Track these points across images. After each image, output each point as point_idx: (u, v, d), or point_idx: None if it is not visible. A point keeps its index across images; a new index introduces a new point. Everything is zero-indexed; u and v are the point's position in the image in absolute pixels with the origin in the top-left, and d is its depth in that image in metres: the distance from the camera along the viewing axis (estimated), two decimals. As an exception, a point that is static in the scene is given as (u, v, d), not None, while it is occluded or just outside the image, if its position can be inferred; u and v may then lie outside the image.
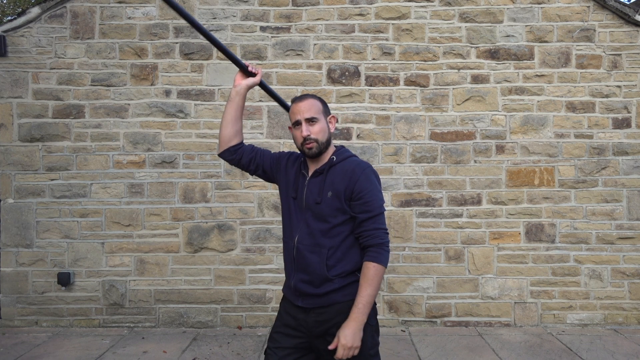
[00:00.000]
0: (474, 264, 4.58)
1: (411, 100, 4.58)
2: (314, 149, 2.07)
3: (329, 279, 2.03)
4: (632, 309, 4.58)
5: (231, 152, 2.27)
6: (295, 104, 2.12)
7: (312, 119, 2.07)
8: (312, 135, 2.06)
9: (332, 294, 2.05)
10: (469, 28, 4.56)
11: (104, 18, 4.52)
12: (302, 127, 2.06)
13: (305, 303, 2.08)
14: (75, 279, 4.54)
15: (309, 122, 2.07)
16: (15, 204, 4.51)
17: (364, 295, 1.96)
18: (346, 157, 2.12)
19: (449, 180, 4.58)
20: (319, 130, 2.07)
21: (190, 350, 4.04)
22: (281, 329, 2.15)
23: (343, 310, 2.03)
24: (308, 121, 2.07)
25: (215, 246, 4.56)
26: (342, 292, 2.05)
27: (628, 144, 4.57)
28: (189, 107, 4.55)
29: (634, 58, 4.55)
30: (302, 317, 2.09)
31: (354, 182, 2.03)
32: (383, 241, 2.02)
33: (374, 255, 1.99)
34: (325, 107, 2.16)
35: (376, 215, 2.03)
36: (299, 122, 2.08)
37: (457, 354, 3.95)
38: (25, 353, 3.94)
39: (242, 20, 4.54)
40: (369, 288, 1.97)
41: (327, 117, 2.14)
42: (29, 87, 4.51)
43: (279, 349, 2.11)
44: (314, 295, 2.06)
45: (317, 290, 2.05)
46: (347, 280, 2.05)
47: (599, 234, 4.57)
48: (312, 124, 2.07)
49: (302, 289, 2.07)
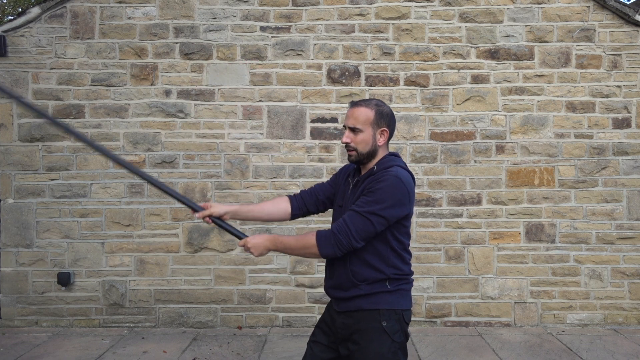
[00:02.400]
0: (474, 264, 4.58)
1: (411, 100, 4.58)
2: (353, 157, 2.09)
3: (355, 284, 2.03)
4: (632, 309, 4.58)
5: (297, 215, 2.36)
6: (350, 108, 2.11)
7: (355, 129, 2.05)
8: (352, 144, 2.07)
9: (357, 299, 2.04)
10: (469, 28, 4.56)
11: (104, 18, 4.53)
12: (345, 133, 2.09)
13: (337, 307, 2.12)
14: (75, 279, 4.54)
15: (352, 131, 2.06)
16: (15, 204, 4.51)
17: (286, 240, 2.08)
18: (388, 167, 2.04)
19: (449, 180, 4.58)
20: (361, 141, 2.05)
21: (190, 350, 4.04)
22: (321, 325, 2.23)
23: (366, 319, 2.02)
24: (351, 130, 2.06)
25: (215, 246, 4.56)
26: (368, 300, 2.03)
27: (628, 144, 4.57)
28: (189, 107, 4.55)
29: (634, 58, 4.55)
30: (335, 318, 2.15)
31: (373, 180, 2.00)
32: (339, 235, 1.95)
33: (322, 233, 2.00)
34: (380, 118, 2.08)
35: (361, 213, 1.95)
36: (345, 126, 2.11)
37: (457, 354, 3.95)
38: (25, 353, 3.94)
39: (242, 20, 4.54)
40: (293, 241, 2.06)
41: (376, 129, 2.07)
42: (29, 87, 4.51)
43: (316, 343, 2.19)
44: (342, 299, 2.08)
45: (345, 294, 2.06)
46: (374, 288, 2.03)
47: (599, 234, 4.57)
48: (356, 133, 2.05)
49: (332, 294, 2.13)
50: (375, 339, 2.00)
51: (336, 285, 2.09)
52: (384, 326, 2.00)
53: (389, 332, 2.00)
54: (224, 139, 4.56)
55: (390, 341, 2.00)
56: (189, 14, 4.54)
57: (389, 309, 2.03)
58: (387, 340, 1.99)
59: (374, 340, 2.00)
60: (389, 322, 2.01)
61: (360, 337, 2.02)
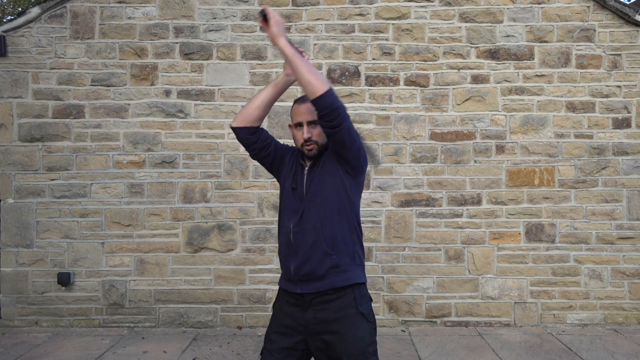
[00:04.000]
0: (474, 264, 4.58)
1: (411, 100, 4.58)
2: (314, 151, 2.10)
3: (328, 254, 2.02)
4: (632, 309, 4.58)
5: (250, 132, 2.18)
6: (298, 105, 2.13)
7: (314, 122, 2.07)
8: (313, 138, 2.09)
9: (331, 275, 2.02)
10: (469, 28, 4.56)
11: (104, 18, 4.53)
12: (304, 129, 2.09)
13: (304, 288, 2.04)
14: (75, 279, 4.54)
15: (311, 125, 2.09)
16: (15, 204, 4.51)
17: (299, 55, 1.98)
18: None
19: (449, 180, 4.58)
20: (320, 133, 2.08)
21: (190, 350, 4.04)
22: (279, 329, 2.11)
23: (342, 307, 2.01)
24: (310, 124, 2.09)
25: (215, 246, 4.56)
26: (340, 276, 2.03)
27: (628, 144, 4.57)
28: (189, 107, 4.55)
29: (634, 58, 4.55)
30: (299, 316, 2.06)
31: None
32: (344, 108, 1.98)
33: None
34: None
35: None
36: (300, 123, 2.11)
37: (457, 354, 3.95)
38: (25, 353, 3.94)
39: (242, 20, 4.54)
40: (302, 61, 1.97)
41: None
42: (29, 87, 4.51)
43: (277, 350, 2.07)
44: (313, 278, 2.03)
45: (316, 270, 2.02)
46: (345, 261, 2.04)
47: (599, 234, 4.57)
48: (314, 126, 2.09)
49: (302, 270, 2.04)
50: (353, 324, 2.01)
51: (306, 263, 2.03)
52: (361, 311, 2.03)
53: (365, 314, 2.04)
54: (224, 139, 4.56)
55: (366, 323, 2.03)
56: (189, 14, 4.54)
57: (359, 284, 2.07)
58: (363, 322, 2.02)
59: (352, 326, 2.01)
60: (363, 303, 2.05)
61: (339, 325, 2.00)
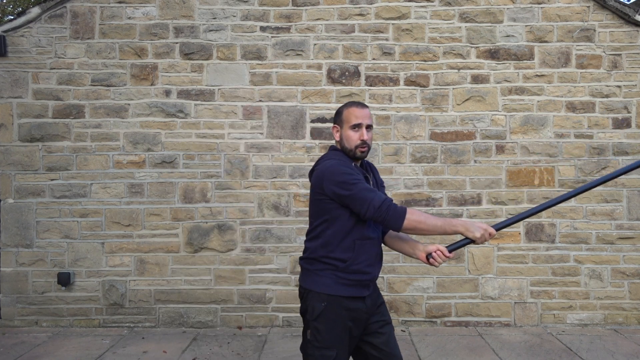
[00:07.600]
0: (474, 264, 4.58)
1: (411, 100, 4.58)
2: (365, 153, 2.29)
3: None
4: (632, 309, 4.58)
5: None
6: (358, 108, 2.28)
7: (371, 126, 2.29)
8: (368, 141, 2.27)
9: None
10: (469, 28, 4.56)
11: (104, 18, 4.53)
12: (363, 131, 2.25)
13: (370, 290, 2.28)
14: (75, 279, 4.54)
15: (368, 129, 2.27)
16: (15, 204, 4.51)
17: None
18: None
19: (449, 180, 4.58)
20: (371, 138, 2.32)
21: (190, 350, 4.04)
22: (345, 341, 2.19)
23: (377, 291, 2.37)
24: (368, 127, 2.27)
25: (215, 246, 4.56)
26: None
27: (628, 144, 4.57)
28: (189, 107, 4.55)
29: (634, 58, 4.55)
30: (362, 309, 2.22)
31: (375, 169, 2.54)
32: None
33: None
34: None
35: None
36: (360, 125, 2.25)
37: (457, 354, 3.95)
38: (25, 353, 3.94)
39: (242, 20, 4.54)
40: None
41: None
42: (29, 87, 4.51)
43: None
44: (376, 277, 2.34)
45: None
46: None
47: (599, 234, 4.57)
48: (369, 131, 2.28)
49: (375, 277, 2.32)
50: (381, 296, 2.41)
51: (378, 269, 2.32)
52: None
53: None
54: (224, 139, 4.56)
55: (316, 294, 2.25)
56: (189, 14, 4.54)
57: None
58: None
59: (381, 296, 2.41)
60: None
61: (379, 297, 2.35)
